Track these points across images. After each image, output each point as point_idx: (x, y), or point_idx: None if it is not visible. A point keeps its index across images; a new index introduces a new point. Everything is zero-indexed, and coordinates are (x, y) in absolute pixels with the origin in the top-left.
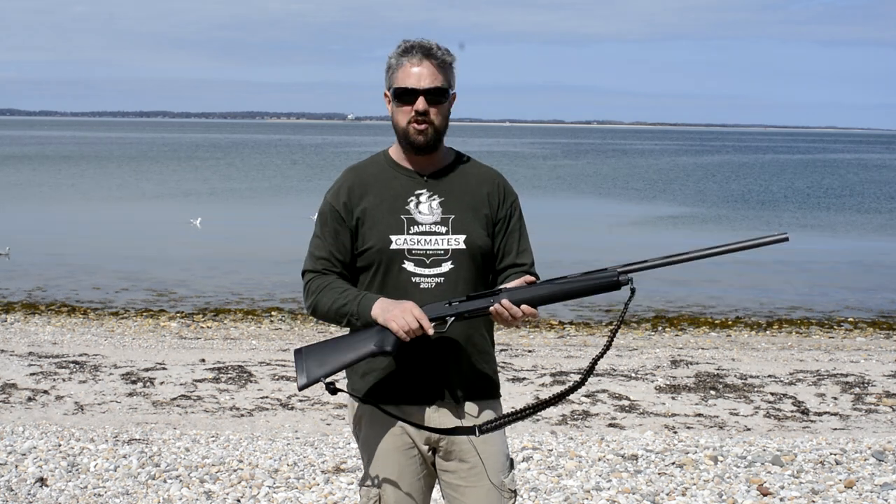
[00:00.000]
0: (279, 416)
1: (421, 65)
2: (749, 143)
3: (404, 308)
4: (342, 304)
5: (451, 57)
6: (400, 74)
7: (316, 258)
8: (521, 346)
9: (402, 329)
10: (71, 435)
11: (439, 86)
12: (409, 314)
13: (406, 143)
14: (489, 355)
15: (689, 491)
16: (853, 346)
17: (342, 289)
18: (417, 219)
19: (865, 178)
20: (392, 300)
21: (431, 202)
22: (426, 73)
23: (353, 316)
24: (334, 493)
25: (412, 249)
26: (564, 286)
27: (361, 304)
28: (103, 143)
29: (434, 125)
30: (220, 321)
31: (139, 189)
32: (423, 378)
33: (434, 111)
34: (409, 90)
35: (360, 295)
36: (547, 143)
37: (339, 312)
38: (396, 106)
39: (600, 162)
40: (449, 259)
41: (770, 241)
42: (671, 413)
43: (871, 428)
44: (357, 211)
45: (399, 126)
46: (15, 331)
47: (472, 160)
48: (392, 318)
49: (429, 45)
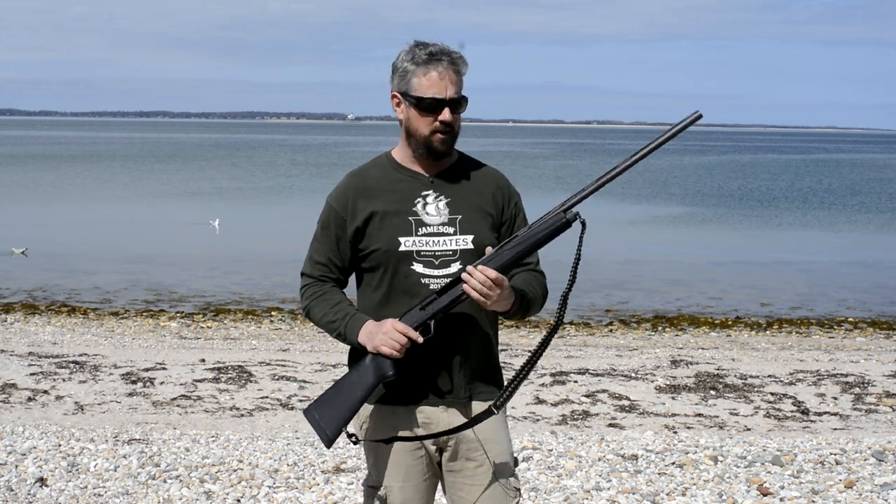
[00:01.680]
0: (279, 416)
1: (446, 73)
2: (749, 142)
3: (386, 329)
4: (331, 320)
5: (466, 64)
6: (423, 81)
7: (315, 263)
8: (521, 346)
9: (394, 350)
10: (71, 435)
11: (461, 94)
12: (394, 332)
13: (425, 150)
14: (493, 348)
15: (689, 491)
16: (853, 346)
17: (334, 302)
18: (425, 220)
19: (866, 178)
20: (374, 322)
21: (438, 203)
22: (450, 83)
23: (341, 336)
24: (334, 493)
25: (421, 251)
26: (522, 242)
27: (349, 326)
28: (105, 143)
29: (454, 132)
30: (220, 321)
31: (145, 189)
32: (428, 377)
33: (456, 118)
34: (436, 100)
35: (347, 315)
36: (547, 143)
37: (329, 327)
38: (418, 114)
39: (602, 162)
40: (458, 259)
41: (686, 123)
42: (671, 413)
43: (871, 428)
44: (362, 214)
45: (420, 133)
46: (15, 331)
47: (473, 160)
48: (379, 343)
49: (451, 52)
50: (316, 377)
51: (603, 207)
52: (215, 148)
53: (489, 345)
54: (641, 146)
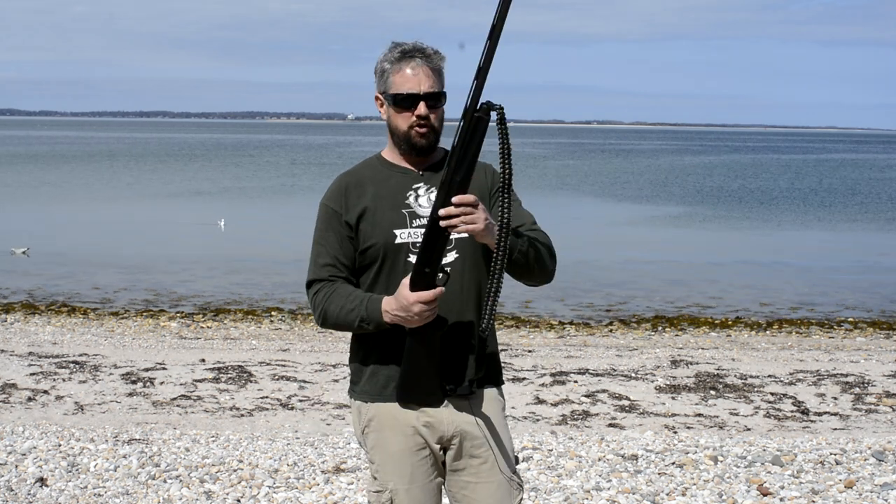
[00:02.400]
0: (279, 416)
1: (419, 69)
2: (749, 142)
3: (406, 305)
4: (350, 308)
5: (443, 58)
6: (398, 79)
7: (320, 266)
8: (521, 346)
9: (425, 320)
10: (71, 435)
11: (437, 90)
12: (416, 306)
13: (407, 146)
14: (493, 342)
15: (689, 491)
16: (853, 346)
17: (347, 293)
18: (418, 212)
19: (867, 178)
20: (392, 299)
21: (430, 194)
22: (424, 78)
23: (364, 321)
24: (334, 494)
25: (416, 243)
26: (461, 160)
27: (369, 307)
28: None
29: (434, 128)
30: (220, 321)
31: (146, 189)
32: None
33: (434, 115)
34: (409, 95)
35: (365, 298)
36: (548, 143)
37: (349, 318)
38: (396, 111)
39: (604, 162)
40: (453, 249)
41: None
42: (671, 413)
43: (871, 428)
44: (356, 210)
45: (399, 130)
46: (15, 331)
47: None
48: (408, 319)
49: (424, 48)
50: (316, 377)
51: (603, 207)
52: (216, 148)
53: (488, 342)
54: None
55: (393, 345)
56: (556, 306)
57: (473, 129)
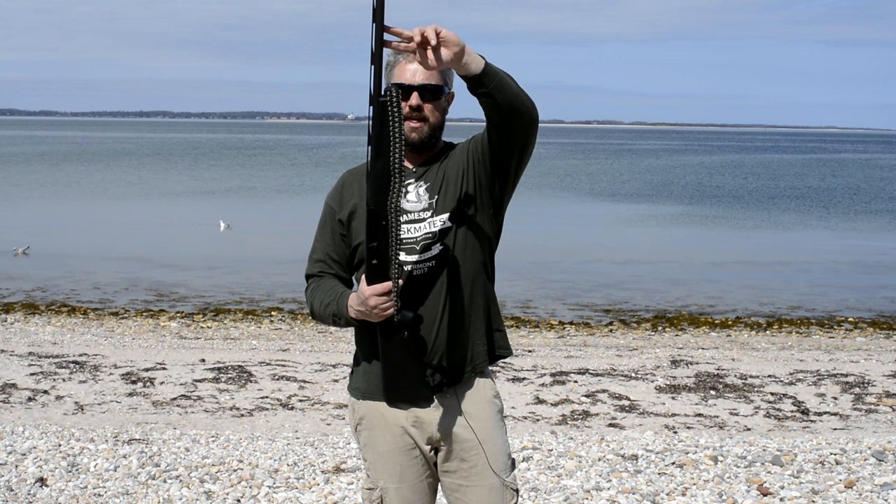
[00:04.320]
0: (279, 416)
1: (416, 62)
2: (749, 142)
3: (363, 300)
4: (326, 303)
5: None
6: (398, 71)
7: (314, 261)
8: (521, 346)
9: (383, 313)
10: (71, 435)
11: (434, 83)
12: (371, 299)
13: None
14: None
15: (689, 491)
16: (853, 346)
17: (328, 287)
18: (406, 208)
19: (867, 178)
20: (354, 295)
21: (419, 189)
22: (420, 70)
23: (336, 316)
24: (334, 493)
25: (403, 239)
26: (378, 147)
27: (339, 303)
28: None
29: (429, 122)
30: (220, 321)
31: (147, 188)
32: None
33: (429, 108)
34: (403, 86)
35: (338, 294)
36: (549, 143)
37: (325, 313)
38: None
39: (604, 161)
40: (437, 241)
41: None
42: (671, 413)
43: (871, 428)
44: (348, 208)
45: None
46: (15, 331)
47: (453, 144)
48: (366, 314)
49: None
50: (316, 377)
51: (603, 207)
52: (216, 148)
53: (478, 322)
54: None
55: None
56: (556, 306)
57: (381, 114)
